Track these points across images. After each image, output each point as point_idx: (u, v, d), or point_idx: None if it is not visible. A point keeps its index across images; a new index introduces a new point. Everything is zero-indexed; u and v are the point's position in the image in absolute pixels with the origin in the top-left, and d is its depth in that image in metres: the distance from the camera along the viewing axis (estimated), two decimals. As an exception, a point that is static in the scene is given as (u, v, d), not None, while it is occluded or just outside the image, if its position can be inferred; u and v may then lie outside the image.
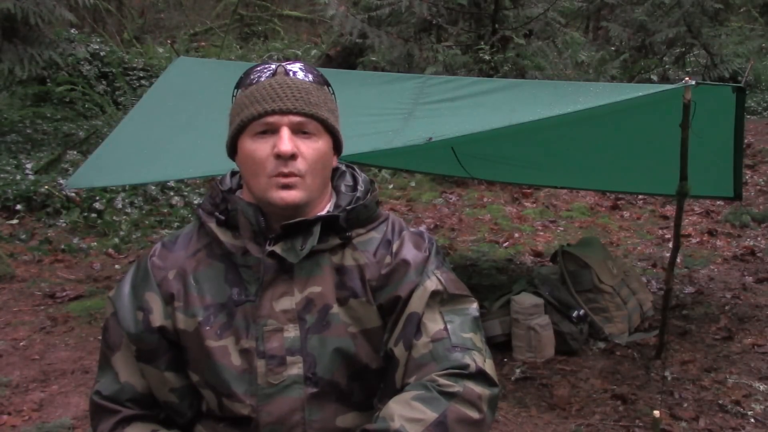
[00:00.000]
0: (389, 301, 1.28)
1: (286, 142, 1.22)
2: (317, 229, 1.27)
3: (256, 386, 1.25)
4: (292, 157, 1.23)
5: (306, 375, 1.26)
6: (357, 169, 1.40)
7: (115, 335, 1.31)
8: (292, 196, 1.24)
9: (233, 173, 1.39)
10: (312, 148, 1.26)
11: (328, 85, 1.34)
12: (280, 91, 1.25)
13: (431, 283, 1.29)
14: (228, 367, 1.26)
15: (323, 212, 1.30)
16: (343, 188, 1.36)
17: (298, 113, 1.24)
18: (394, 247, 1.32)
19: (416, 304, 1.27)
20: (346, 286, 1.29)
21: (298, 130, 1.25)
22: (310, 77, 1.30)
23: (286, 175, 1.23)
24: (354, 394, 1.30)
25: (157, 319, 1.28)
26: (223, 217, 1.30)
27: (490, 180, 6.66)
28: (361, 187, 1.35)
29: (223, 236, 1.29)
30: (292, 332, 1.26)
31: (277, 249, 1.25)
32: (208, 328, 1.27)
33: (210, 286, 1.29)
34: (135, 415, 1.31)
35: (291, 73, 1.29)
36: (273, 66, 1.30)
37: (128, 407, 1.30)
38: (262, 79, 1.28)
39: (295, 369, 1.25)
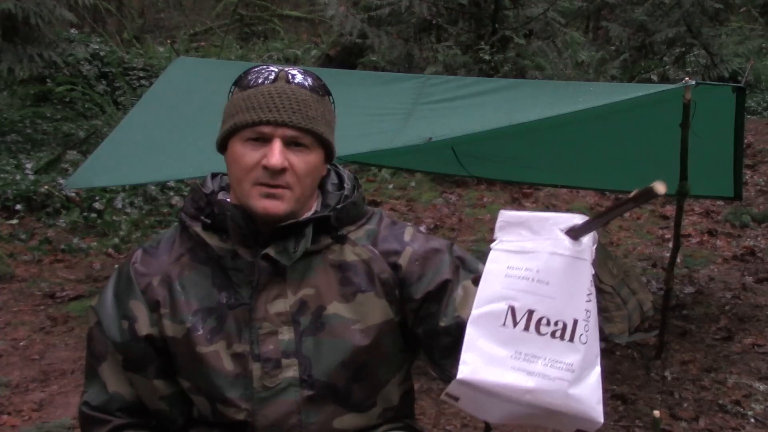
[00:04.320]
0: (437, 287, 1.28)
1: (276, 155, 1.20)
2: (309, 231, 1.25)
3: (252, 390, 1.24)
4: (282, 170, 1.21)
5: (302, 377, 1.25)
6: (340, 167, 1.39)
7: (101, 345, 1.29)
8: (276, 207, 1.22)
9: (213, 175, 1.36)
10: (304, 161, 1.23)
11: (330, 94, 1.31)
12: (278, 101, 1.21)
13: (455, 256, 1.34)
14: (221, 372, 1.24)
15: (311, 212, 1.29)
16: (329, 187, 1.35)
17: (293, 127, 1.22)
18: (406, 237, 1.33)
19: (457, 277, 1.31)
20: (350, 281, 1.28)
21: (291, 142, 1.22)
22: (312, 87, 1.26)
23: (272, 186, 1.21)
24: (352, 395, 1.29)
25: (143, 327, 1.26)
26: (209, 221, 1.27)
27: (490, 179, 6.65)
28: (347, 185, 1.34)
29: (211, 240, 1.26)
30: (286, 335, 1.25)
31: (271, 252, 1.23)
32: (198, 333, 1.25)
33: (197, 291, 1.27)
34: (126, 424, 1.30)
35: (292, 81, 1.25)
36: (275, 70, 1.26)
37: (118, 417, 1.29)
38: (263, 83, 1.24)
39: (291, 372, 1.25)
